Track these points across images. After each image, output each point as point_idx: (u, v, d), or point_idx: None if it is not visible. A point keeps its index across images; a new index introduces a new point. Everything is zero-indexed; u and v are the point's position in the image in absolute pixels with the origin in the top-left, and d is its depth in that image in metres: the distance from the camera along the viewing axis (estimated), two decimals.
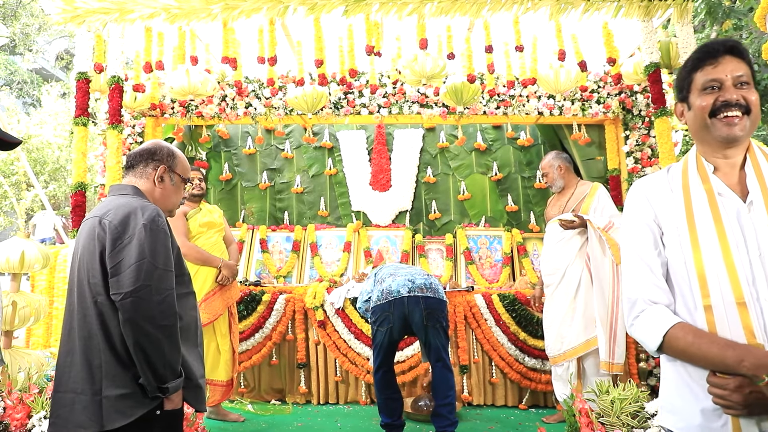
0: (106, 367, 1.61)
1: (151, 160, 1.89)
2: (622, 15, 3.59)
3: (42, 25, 16.99)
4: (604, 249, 3.46)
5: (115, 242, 1.64)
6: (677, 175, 1.41)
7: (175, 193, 1.94)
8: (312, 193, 5.89)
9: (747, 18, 5.16)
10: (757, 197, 1.30)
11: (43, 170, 12.58)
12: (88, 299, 1.65)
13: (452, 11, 3.57)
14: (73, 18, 3.71)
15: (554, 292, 3.67)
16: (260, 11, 3.66)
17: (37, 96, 16.74)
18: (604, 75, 4.54)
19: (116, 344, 1.62)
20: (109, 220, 1.67)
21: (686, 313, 1.31)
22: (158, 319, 1.59)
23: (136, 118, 4.57)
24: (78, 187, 3.63)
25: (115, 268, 1.61)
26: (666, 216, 1.38)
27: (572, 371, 3.55)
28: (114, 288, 1.60)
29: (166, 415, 1.66)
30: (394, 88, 4.54)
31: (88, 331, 1.64)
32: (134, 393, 1.62)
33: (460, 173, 5.81)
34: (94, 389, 1.60)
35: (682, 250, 1.32)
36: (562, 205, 3.79)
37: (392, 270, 3.51)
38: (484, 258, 5.42)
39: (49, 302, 5.24)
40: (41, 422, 2.55)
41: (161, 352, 1.60)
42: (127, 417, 1.59)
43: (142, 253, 1.61)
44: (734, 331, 1.24)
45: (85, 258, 1.69)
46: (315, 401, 4.37)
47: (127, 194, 1.80)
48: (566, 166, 3.85)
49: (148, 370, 1.59)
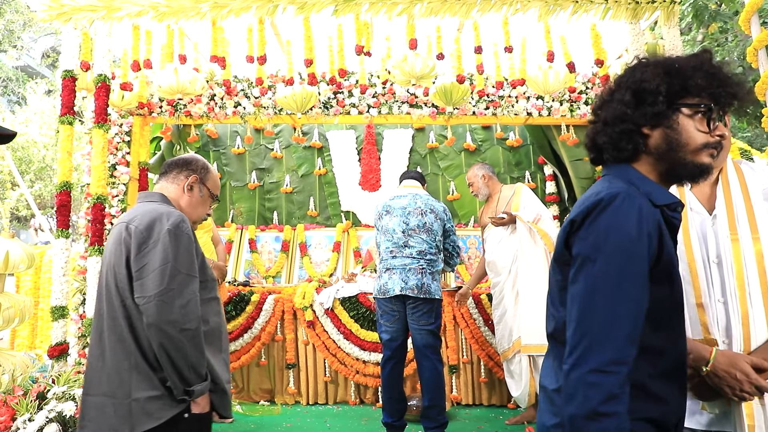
0: (135, 369, 1.64)
1: (185, 169, 1.94)
2: (610, 17, 3.62)
3: (27, 22, 16.77)
4: (535, 239, 3.75)
5: (140, 247, 1.67)
6: None
7: (202, 206, 1.98)
8: (301, 193, 5.88)
9: (732, 21, 5.23)
10: (721, 212, 1.53)
11: (29, 169, 12.44)
12: (116, 303, 1.68)
13: (442, 12, 3.58)
14: (59, 15, 3.67)
15: (502, 290, 3.85)
16: (249, 10, 3.64)
17: (22, 94, 16.54)
18: (593, 76, 4.57)
19: (144, 347, 1.65)
20: (135, 225, 1.71)
21: None
22: (181, 323, 1.61)
23: (124, 116, 4.52)
24: (63, 186, 3.58)
25: (139, 272, 1.65)
26: None
27: (525, 366, 3.66)
28: (138, 292, 1.63)
29: (194, 418, 1.68)
30: (383, 88, 4.54)
31: (118, 334, 1.67)
32: (162, 395, 1.64)
33: (450, 173, 5.82)
34: (124, 392, 1.63)
35: None
36: (493, 210, 4.01)
37: (391, 247, 3.49)
38: (473, 258, 5.44)
39: (35, 303, 5.18)
40: (26, 425, 2.52)
41: (185, 355, 1.62)
42: (156, 420, 1.61)
43: (166, 258, 1.65)
44: (694, 327, 1.49)
45: (113, 262, 1.72)
46: (304, 401, 4.36)
47: (154, 201, 1.84)
48: (489, 174, 4.09)
49: (173, 372, 1.62)
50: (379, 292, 3.45)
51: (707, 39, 6.85)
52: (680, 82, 1.17)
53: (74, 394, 2.78)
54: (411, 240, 3.44)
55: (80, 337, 4.08)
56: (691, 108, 1.17)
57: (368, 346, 4.29)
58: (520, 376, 3.71)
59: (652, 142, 1.19)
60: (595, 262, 1.08)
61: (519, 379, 3.72)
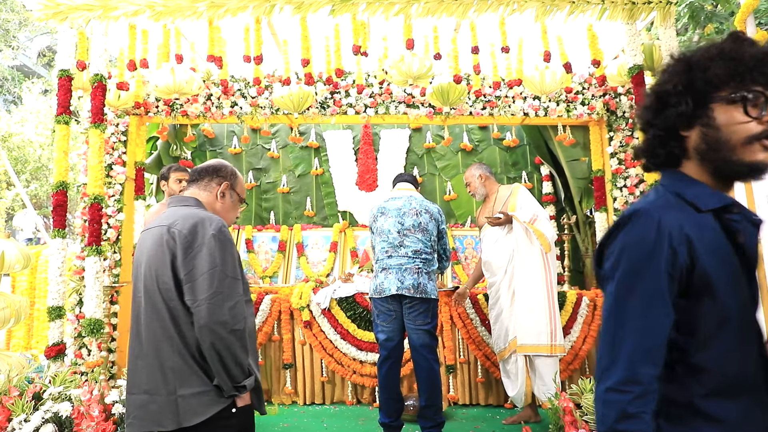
0: (179, 367, 1.70)
1: (216, 176, 2.01)
2: (607, 17, 3.63)
3: (23, 21, 16.70)
4: (531, 239, 3.77)
5: (186, 251, 1.73)
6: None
7: (233, 210, 2.06)
8: (298, 193, 5.87)
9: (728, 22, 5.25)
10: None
11: (25, 169, 12.40)
12: (160, 304, 1.74)
13: (439, 12, 3.58)
14: (55, 14, 3.65)
15: (498, 290, 3.87)
16: (246, 10, 3.63)
17: (18, 93, 16.47)
18: (589, 77, 4.58)
19: (190, 345, 1.71)
20: (178, 229, 1.76)
21: None
22: (231, 324, 1.68)
23: (120, 116, 4.51)
24: (59, 186, 3.57)
25: (188, 276, 1.71)
26: None
27: (521, 366, 3.67)
28: (189, 295, 1.69)
29: (241, 412, 1.75)
30: (380, 88, 4.54)
31: (160, 334, 1.73)
32: (209, 391, 1.70)
33: (447, 173, 5.82)
34: (168, 389, 1.69)
35: None
36: (490, 210, 4.03)
37: (387, 247, 3.49)
38: (470, 258, 5.44)
39: (30, 303, 5.16)
40: (21, 425, 2.51)
41: (234, 354, 1.69)
42: (203, 415, 1.67)
43: (213, 262, 1.71)
44: None
45: (154, 265, 1.77)
46: (301, 402, 4.36)
47: (191, 205, 1.90)
48: (486, 175, 4.10)
49: (222, 371, 1.68)
50: (375, 291, 3.45)
51: (703, 40, 6.87)
52: (702, 75, 1.09)
53: (70, 395, 2.78)
54: (406, 240, 3.44)
55: (76, 337, 4.07)
56: (723, 101, 1.07)
57: (365, 346, 4.29)
58: (516, 376, 3.71)
59: (692, 143, 1.13)
60: (612, 281, 1.08)
61: (515, 379, 3.73)
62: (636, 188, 4.43)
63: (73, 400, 2.74)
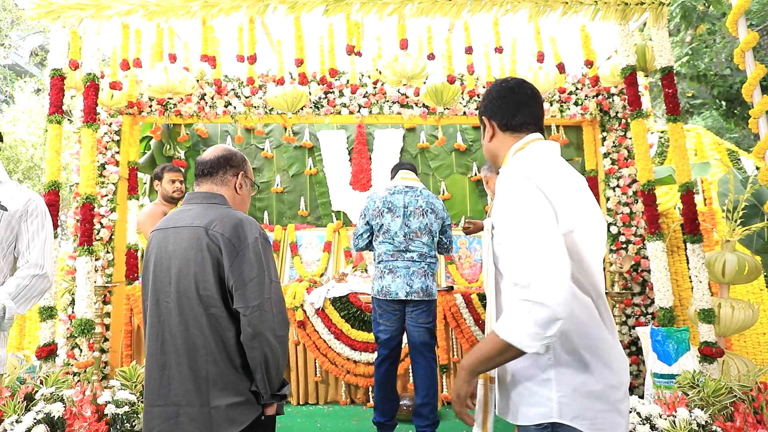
0: (215, 377, 1.63)
1: (229, 167, 1.90)
2: (600, 18, 3.64)
3: (15, 20, 16.60)
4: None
5: (232, 255, 1.66)
6: None
7: (248, 198, 2.01)
8: (292, 193, 5.87)
9: (720, 22, 5.29)
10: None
11: (17, 168, 12.31)
12: (197, 310, 1.65)
13: (432, 12, 3.58)
14: (47, 13, 3.63)
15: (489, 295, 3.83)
16: (240, 9, 3.63)
17: (10, 92, 16.37)
18: (582, 77, 4.60)
19: (232, 354, 1.65)
20: (220, 231, 1.68)
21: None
22: (278, 330, 1.67)
23: (113, 116, 4.49)
24: (51, 185, 3.55)
25: (237, 282, 1.64)
26: None
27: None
28: (240, 302, 1.63)
29: (269, 419, 1.72)
30: (374, 88, 4.54)
31: (193, 342, 1.64)
32: (246, 401, 1.65)
33: (441, 173, 5.83)
34: (201, 400, 1.61)
35: None
36: (490, 209, 3.94)
37: (392, 251, 3.48)
38: (463, 258, 5.45)
39: None
40: (13, 426, 2.49)
41: (278, 361, 1.68)
42: (239, 425, 1.62)
43: (261, 267, 1.67)
44: None
45: (192, 269, 1.67)
46: (295, 402, 4.35)
47: (219, 203, 1.82)
48: (488, 176, 4.01)
49: (265, 378, 1.66)
50: (380, 293, 3.45)
51: (695, 40, 6.91)
52: None
53: (63, 395, 2.76)
54: (412, 244, 3.47)
55: (69, 337, 4.05)
56: None
57: (359, 346, 4.29)
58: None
59: None
60: None
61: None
62: (629, 188, 4.45)
63: (65, 400, 2.73)
